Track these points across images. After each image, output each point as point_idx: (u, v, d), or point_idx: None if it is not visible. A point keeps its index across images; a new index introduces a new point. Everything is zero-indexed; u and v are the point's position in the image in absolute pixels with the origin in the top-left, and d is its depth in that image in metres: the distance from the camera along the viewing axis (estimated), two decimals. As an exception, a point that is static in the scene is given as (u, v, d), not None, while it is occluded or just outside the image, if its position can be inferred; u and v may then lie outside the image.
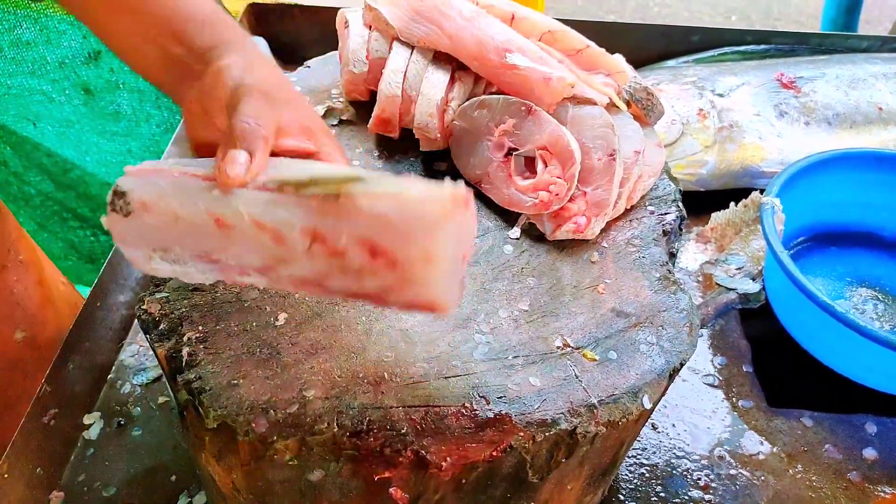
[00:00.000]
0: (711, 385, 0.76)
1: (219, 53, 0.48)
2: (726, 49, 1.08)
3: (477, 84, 0.64)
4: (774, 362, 0.79)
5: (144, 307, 0.51)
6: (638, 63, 1.02)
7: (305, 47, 1.13)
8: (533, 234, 0.59)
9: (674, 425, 0.72)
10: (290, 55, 1.13)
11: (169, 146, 0.93)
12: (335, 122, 0.69)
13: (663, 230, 0.60)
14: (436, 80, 0.62)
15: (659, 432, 0.72)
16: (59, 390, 0.67)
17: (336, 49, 0.72)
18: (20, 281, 0.71)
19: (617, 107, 0.62)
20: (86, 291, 0.75)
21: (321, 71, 0.75)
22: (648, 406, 0.49)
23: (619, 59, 0.65)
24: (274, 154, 0.46)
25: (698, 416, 0.73)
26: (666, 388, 0.51)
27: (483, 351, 0.50)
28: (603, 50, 0.65)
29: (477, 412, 0.46)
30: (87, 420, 0.70)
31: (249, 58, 0.48)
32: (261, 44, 1.10)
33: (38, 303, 0.74)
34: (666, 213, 0.62)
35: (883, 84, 0.98)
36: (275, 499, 0.50)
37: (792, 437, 0.72)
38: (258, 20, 1.13)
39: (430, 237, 0.39)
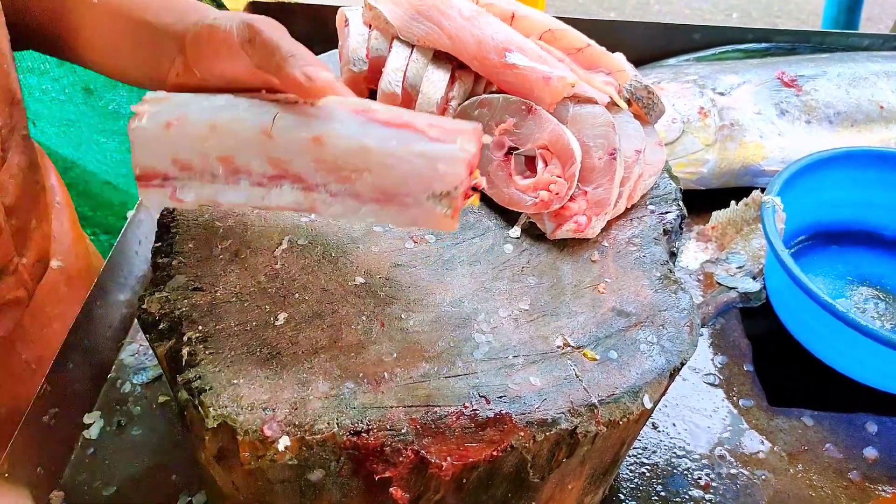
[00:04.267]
0: (712, 384, 0.76)
1: (193, 20, 0.52)
2: (727, 47, 1.08)
3: (477, 83, 0.64)
4: (775, 361, 0.79)
5: (144, 306, 0.51)
6: (639, 61, 1.02)
7: (305, 46, 1.12)
8: (533, 233, 0.59)
9: (674, 424, 0.72)
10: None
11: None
12: (335, 121, 0.68)
13: (664, 229, 0.60)
14: (436, 79, 0.62)
15: (659, 431, 0.72)
16: (59, 390, 0.67)
17: (336, 48, 0.71)
18: (57, 219, 0.81)
19: (618, 105, 0.62)
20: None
21: (321, 70, 0.75)
22: (649, 406, 0.49)
23: (619, 58, 0.65)
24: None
25: (699, 415, 0.73)
26: (666, 388, 0.51)
27: (483, 350, 0.50)
28: (603, 49, 0.65)
29: (477, 412, 0.46)
30: (87, 419, 0.70)
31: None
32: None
33: (73, 238, 0.84)
34: (666, 212, 0.62)
35: (884, 82, 0.98)
36: (275, 498, 0.50)
37: (792, 436, 0.72)
38: (258, 19, 1.12)
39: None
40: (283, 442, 0.44)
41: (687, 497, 0.67)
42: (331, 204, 0.46)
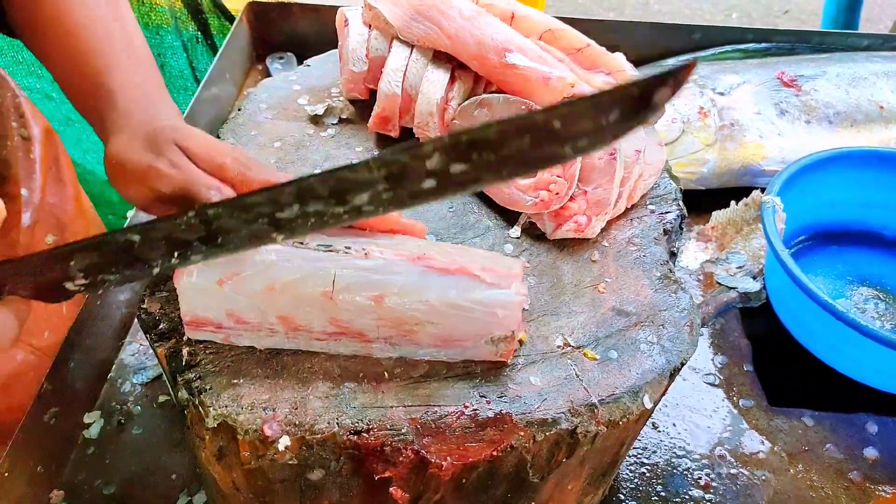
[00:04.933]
0: (712, 384, 0.76)
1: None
2: (727, 47, 1.08)
3: (477, 83, 0.64)
4: (775, 361, 0.79)
5: (145, 307, 0.51)
6: (638, 61, 1.02)
7: (305, 46, 1.12)
8: (533, 233, 0.59)
9: (674, 424, 0.72)
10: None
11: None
12: (335, 121, 0.69)
13: (664, 229, 0.60)
14: (436, 79, 0.62)
15: (659, 431, 0.72)
16: (59, 389, 0.67)
17: (336, 47, 0.72)
18: (56, 194, 0.78)
19: (617, 105, 0.62)
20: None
21: (321, 69, 0.75)
22: (649, 405, 0.49)
23: (619, 58, 0.64)
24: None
25: (699, 415, 0.73)
26: (667, 388, 0.51)
27: (483, 350, 0.50)
28: (603, 49, 0.65)
29: (477, 411, 0.46)
30: (87, 419, 0.70)
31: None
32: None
33: (72, 214, 0.81)
34: (666, 212, 0.62)
35: (884, 82, 0.98)
36: (275, 498, 0.50)
37: (793, 436, 0.72)
38: (258, 18, 1.13)
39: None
40: (284, 441, 0.44)
41: (687, 497, 0.67)
42: (388, 351, 0.48)
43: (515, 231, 0.59)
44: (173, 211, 0.47)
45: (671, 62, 1.07)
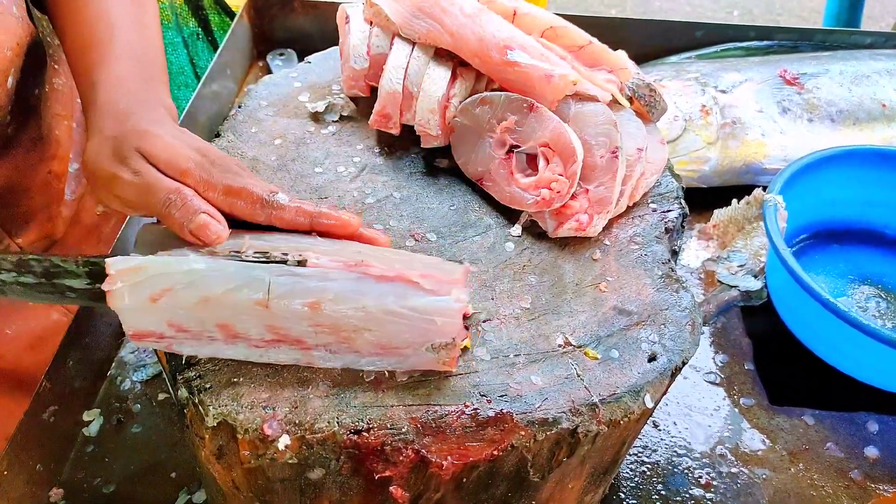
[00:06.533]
0: (713, 383, 0.76)
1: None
2: (729, 45, 1.08)
3: (478, 81, 0.64)
4: (776, 360, 0.78)
5: (144, 304, 0.51)
6: (640, 59, 1.01)
7: (306, 42, 1.12)
8: (534, 231, 0.59)
9: (675, 423, 0.72)
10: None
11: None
12: (336, 119, 0.68)
13: (665, 227, 0.60)
14: (437, 77, 0.62)
15: (660, 430, 0.72)
16: (58, 387, 0.67)
17: (337, 44, 0.71)
18: None
19: (619, 103, 0.61)
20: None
21: (322, 66, 0.74)
22: (650, 405, 0.49)
23: (621, 56, 0.64)
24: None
25: (700, 413, 0.73)
26: (668, 387, 0.51)
27: (484, 349, 0.50)
28: (605, 46, 0.64)
29: (478, 411, 0.46)
30: (86, 416, 0.70)
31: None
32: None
33: None
34: (668, 211, 0.61)
35: (887, 81, 0.98)
36: (275, 497, 0.50)
37: (793, 435, 0.72)
38: (258, 15, 1.12)
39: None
40: (284, 441, 0.44)
41: (687, 496, 0.67)
42: (330, 359, 0.47)
43: (516, 229, 0.59)
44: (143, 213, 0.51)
45: (673, 59, 1.06)
